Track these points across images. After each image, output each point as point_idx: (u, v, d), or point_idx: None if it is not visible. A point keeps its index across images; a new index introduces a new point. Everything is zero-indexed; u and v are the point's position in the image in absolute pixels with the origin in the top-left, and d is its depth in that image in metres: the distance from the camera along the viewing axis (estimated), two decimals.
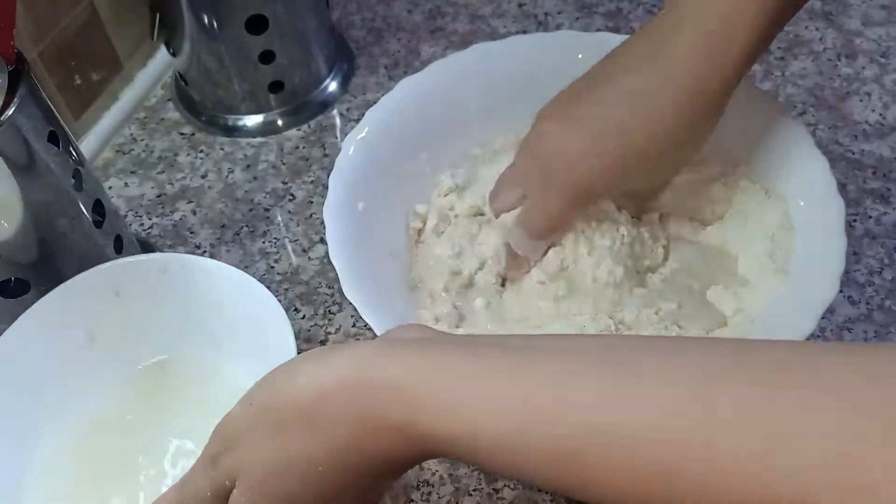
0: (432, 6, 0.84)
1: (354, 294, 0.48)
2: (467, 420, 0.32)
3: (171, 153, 0.74)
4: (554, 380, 0.32)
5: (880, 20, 0.79)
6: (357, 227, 0.52)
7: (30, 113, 0.48)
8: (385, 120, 0.56)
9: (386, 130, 0.56)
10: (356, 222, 0.53)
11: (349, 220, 0.52)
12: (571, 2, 0.83)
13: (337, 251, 0.50)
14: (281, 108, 0.75)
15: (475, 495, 0.53)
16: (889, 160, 0.69)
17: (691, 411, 0.29)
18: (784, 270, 0.51)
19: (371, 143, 0.56)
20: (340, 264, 0.49)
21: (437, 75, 0.58)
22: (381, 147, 0.56)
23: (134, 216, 0.69)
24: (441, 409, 0.32)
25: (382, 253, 0.54)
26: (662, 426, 0.29)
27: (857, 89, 0.74)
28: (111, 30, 0.73)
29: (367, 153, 0.55)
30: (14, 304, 0.53)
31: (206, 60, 0.71)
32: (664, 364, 0.31)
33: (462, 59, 0.59)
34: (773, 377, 0.29)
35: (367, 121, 0.56)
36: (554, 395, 0.31)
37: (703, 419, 0.28)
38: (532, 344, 0.35)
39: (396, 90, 0.57)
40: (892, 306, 0.60)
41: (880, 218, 0.65)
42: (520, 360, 0.33)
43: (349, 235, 0.51)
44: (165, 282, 0.53)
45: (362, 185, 0.54)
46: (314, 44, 0.74)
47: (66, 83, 0.70)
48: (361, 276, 0.49)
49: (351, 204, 0.53)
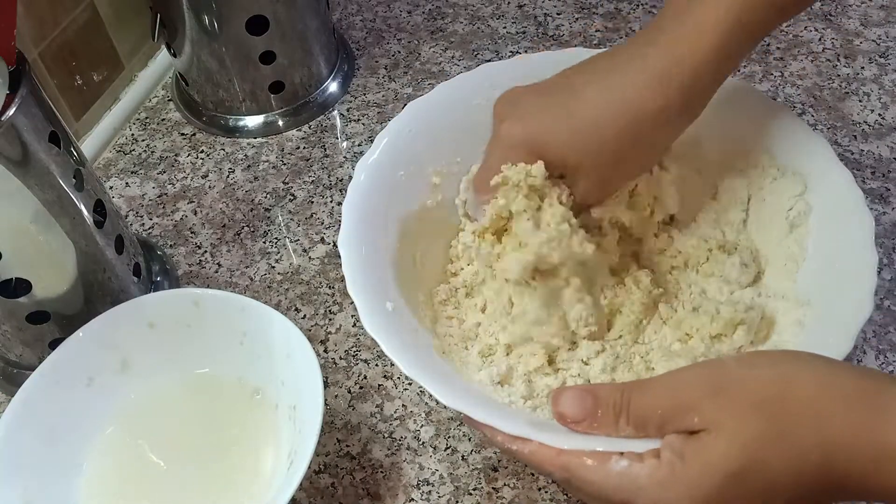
0: (432, 7, 0.84)
1: (377, 331, 0.46)
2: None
3: (172, 153, 0.74)
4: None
5: (879, 21, 0.79)
6: (372, 257, 0.50)
7: (31, 113, 0.48)
8: (394, 143, 0.55)
9: (395, 154, 0.55)
10: (372, 250, 0.51)
11: (364, 249, 0.50)
12: (571, 3, 0.83)
13: (354, 280, 0.48)
14: (281, 109, 0.75)
15: (475, 494, 0.54)
16: (888, 160, 0.69)
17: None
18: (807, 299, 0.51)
19: (381, 167, 0.54)
20: (360, 299, 0.47)
21: (445, 96, 0.57)
22: (392, 171, 0.54)
23: (135, 216, 0.70)
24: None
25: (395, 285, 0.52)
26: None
27: (856, 89, 0.74)
28: (112, 30, 0.74)
29: (378, 178, 0.54)
30: (14, 304, 0.53)
31: (207, 61, 0.71)
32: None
33: (470, 80, 0.58)
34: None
35: (377, 145, 0.55)
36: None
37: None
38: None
39: (405, 112, 0.56)
40: (891, 306, 0.60)
41: (879, 218, 0.65)
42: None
43: (365, 265, 0.49)
44: (198, 314, 0.55)
45: (376, 214, 0.53)
46: (315, 44, 0.74)
47: (67, 83, 0.71)
48: (380, 309, 0.48)
49: (365, 232, 0.51)
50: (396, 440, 0.56)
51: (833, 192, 0.52)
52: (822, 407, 0.37)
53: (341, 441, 0.56)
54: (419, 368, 0.44)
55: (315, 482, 0.55)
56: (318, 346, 0.61)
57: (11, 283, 0.52)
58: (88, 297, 0.56)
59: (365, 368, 0.60)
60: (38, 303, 0.54)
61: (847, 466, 0.36)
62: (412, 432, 0.56)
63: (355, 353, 0.60)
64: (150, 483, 0.52)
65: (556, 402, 0.42)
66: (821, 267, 0.51)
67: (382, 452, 0.56)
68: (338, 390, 0.59)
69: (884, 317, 0.60)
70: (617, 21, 0.80)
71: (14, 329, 0.55)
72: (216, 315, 0.54)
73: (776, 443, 0.36)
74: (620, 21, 0.80)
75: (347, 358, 0.60)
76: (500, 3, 0.84)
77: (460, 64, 0.79)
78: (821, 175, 0.53)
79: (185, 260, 0.66)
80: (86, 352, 0.53)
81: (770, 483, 0.37)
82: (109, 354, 0.54)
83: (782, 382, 0.38)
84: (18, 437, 0.50)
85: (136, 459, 0.53)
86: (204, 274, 0.66)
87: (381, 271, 0.50)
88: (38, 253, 0.53)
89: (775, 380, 0.38)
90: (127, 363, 0.55)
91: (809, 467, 0.36)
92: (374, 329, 0.45)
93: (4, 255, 0.50)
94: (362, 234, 0.50)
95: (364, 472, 0.55)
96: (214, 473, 0.52)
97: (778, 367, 0.39)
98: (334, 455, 0.56)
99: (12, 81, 0.47)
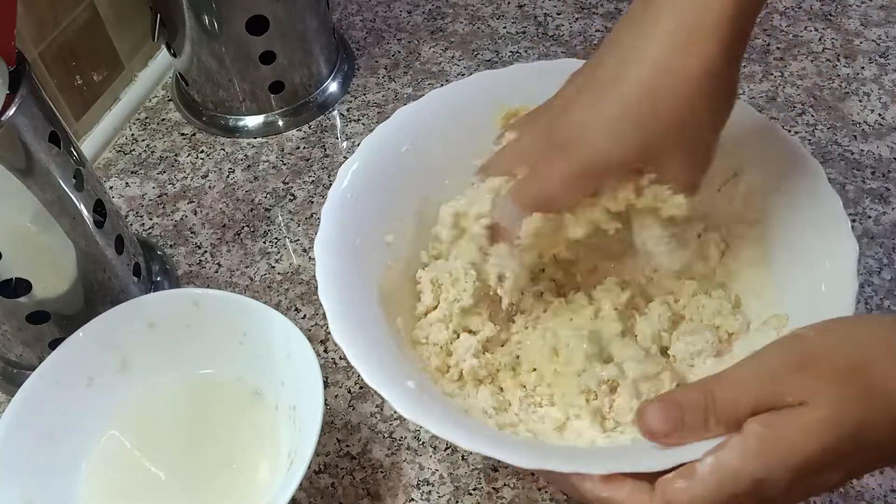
0: (432, 7, 0.84)
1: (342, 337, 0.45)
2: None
3: (172, 153, 0.74)
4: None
5: (879, 21, 0.79)
6: (348, 262, 0.49)
7: (31, 113, 0.48)
8: (379, 149, 0.54)
9: (380, 160, 0.53)
10: (349, 257, 0.49)
11: (341, 255, 0.49)
12: (571, 3, 0.83)
13: (326, 288, 0.47)
14: (281, 109, 0.75)
15: (475, 494, 0.54)
16: (888, 160, 0.69)
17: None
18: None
19: (365, 174, 0.53)
20: (329, 303, 0.46)
21: (436, 104, 0.56)
22: (375, 179, 0.53)
23: (135, 216, 0.70)
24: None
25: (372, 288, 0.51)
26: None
27: (856, 89, 0.74)
28: (112, 30, 0.74)
29: (361, 185, 0.52)
30: (14, 304, 0.53)
31: (207, 61, 0.71)
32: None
33: (461, 88, 0.56)
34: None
35: (362, 150, 0.53)
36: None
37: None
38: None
39: (392, 119, 0.55)
40: (891, 306, 0.60)
41: (879, 218, 0.65)
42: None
43: (340, 270, 0.48)
44: (198, 314, 0.55)
45: (356, 218, 0.51)
46: (315, 44, 0.74)
47: (67, 83, 0.71)
48: (348, 317, 0.46)
49: (343, 238, 0.50)
50: (396, 440, 0.56)
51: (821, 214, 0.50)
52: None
53: (341, 441, 0.56)
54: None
55: (315, 482, 0.55)
56: (318, 346, 0.61)
57: (11, 283, 0.52)
58: (88, 297, 0.56)
59: None
60: (38, 303, 0.54)
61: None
62: (412, 432, 0.56)
63: None
64: (149, 483, 0.52)
65: (642, 417, 0.40)
66: (801, 288, 0.49)
67: (382, 452, 0.56)
68: (338, 390, 0.59)
69: None
70: (617, 21, 0.80)
71: (14, 329, 0.55)
72: (216, 315, 0.54)
73: (875, 403, 0.36)
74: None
75: (347, 358, 0.60)
76: (500, 3, 0.84)
77: (460, 64, 0.79)
78: (809, 193, 0.50)
79: (185, 260, 0.66)
80: (86, 352, 0.53)
81: (877, 443, 0.36)
82: (109, 354, 0.54)
83: (865, 346, 0.37)
84: (18, 437, 0.50)
85: (135, 460, 0.53)
86: (204, 274, 0.66)
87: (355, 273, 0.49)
88: (38, 253, 0.53)
89: (858, 345, 0.37)
90: (127, 363, 0.55)
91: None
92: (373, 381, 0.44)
93: (4, 255, 0.50)
94: (341, 236, 0.50)
95: (364, 472, 0.55)
96: (214, 474, 0.52)
97: (859, 331, 0.38)
98: (334, 455, 0.56)
99: (12, 81, 0.47)
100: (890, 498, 0.52)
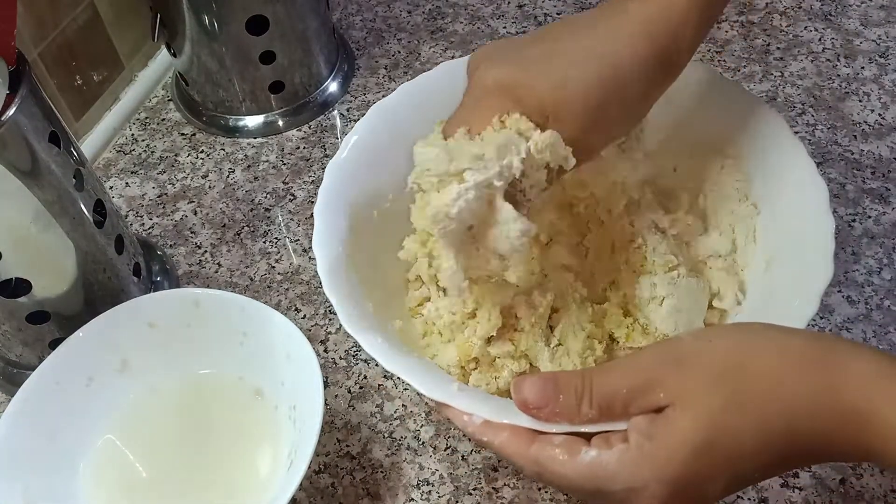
0: (432, 7, 0.84)
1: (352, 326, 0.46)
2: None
3: (172, 153, 0.74)
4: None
5: (879, 21, 0.79)
6: (346, 256, 0.50)
7: (31, 113, 0.48)
8: (358, 143, 0.55)
9: (362, 155, 0.54)
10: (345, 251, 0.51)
11: (338, 250, 0.50)
12: (571, 2, 0.83)
13: (329, 284, 0.48)
14: (281, 109, 0.75)
15: (475, 494, 0.54)
16: (888, 160, 0.69)
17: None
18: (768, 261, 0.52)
19: (350, 169, 0.54)
20: (336, 298, 0.47)
21: (406, 97, 0.57)
22: (360, 173, 0.54)
23: (135, 216, 0.70)
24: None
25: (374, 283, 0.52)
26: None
27: (856, 89, 0.74)
28: (112, 30, 0.74)
29: (347, 179, 0.53)
30: (14, 304, 0.53)
31: (207, 61, 0.71)
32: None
33: (430, 79, 0.57)
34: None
35: (344, 146, 0.55)
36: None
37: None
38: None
39: (368, 115, 0.56)
40: (891, 306, 0.60)
41: (879, 218, 0.65)
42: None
43: (339, 265, 0.49)
44: (198, 314, 0.55)
45: (346, 215, 0.52)
46: (315, 44, 0.74)
47: (67, 83, 0.71)
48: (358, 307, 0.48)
49: (337, 233, 0.51)
50: (396, 440, 0.56)
51: (786, 167, 0.52)
52: (782, 374, 0.37)
53: (341, 441, 0.56)
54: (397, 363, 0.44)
55: (315, 482, 0.55)
56: (318, 346, 0.61)
57: (11, 283, 0.52)
58: (88, 297, 0.56)
59: (365, 368, 0.60)
60: (38, 303, 0.54)
61: (811, 430, 0.36)
62: (412, 432, 0.56)
63: (355, 353, 0.61)
64: (150, 482, 0.52)
65: (518, 389, 0.41)
66: (778, 237, 0.52)
67: (382, 452, 0.56)
68: (338, 390, 0.59)
69: (884, 317, 0.60)
70: None
71: (14, 329, 0.55)
72: (216, 315, 0.54)
73: (741, 412, 0.36)
74: None
75: (347, 358, 0.60)
76: (500, 3, 0.84)
77: None
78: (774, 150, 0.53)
79: (185, 260, 0.66)
80: (86, 352, 0.53)
81: (738, 453, 0.37)
82: (109, 354, 0.54)
83: (740, 353, 0.38)
84: (19, 436, 0.50)
85: (136, 459, 0.53)
86: (204, 274, 0.66)
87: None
88: (38, 253, 0.53)
89: (733, 350, 0.38)
90: (127, 363, 0.55)
91: (775, 435, 0.36)
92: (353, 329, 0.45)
93: (4, 255, 0.50)
94: (335, 232, 0.51)
95: (364, 472, 0.55)
96: (214, 473, 0.52)
97: (734, 337, 0.39)
98: (334, 455, 0.56)
99: (12, 81, 0.47)
100: (890, 498, 0.52)
